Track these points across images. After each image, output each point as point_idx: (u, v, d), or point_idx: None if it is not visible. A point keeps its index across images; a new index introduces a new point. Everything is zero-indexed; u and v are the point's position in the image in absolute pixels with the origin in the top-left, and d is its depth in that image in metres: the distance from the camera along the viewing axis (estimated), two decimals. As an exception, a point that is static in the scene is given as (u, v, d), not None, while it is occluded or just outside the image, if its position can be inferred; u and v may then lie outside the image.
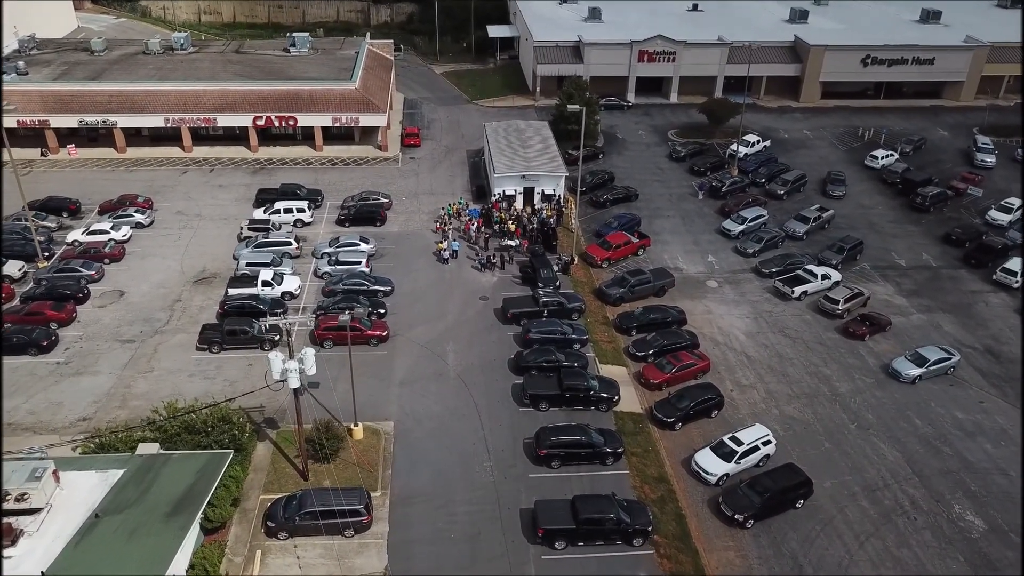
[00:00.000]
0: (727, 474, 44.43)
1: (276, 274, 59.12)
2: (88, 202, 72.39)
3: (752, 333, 57.79)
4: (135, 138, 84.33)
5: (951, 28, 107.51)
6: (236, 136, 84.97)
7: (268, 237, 65.40)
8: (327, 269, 61.58)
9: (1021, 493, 44.52)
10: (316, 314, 55.69)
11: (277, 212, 69.26)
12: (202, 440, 42.07)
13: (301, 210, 69.72)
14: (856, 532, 41.92)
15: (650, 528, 40.32)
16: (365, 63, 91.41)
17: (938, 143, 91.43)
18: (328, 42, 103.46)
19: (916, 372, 52.78)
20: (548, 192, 72.40)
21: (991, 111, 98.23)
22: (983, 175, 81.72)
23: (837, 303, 59.18)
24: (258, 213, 69.87)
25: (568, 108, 70.17)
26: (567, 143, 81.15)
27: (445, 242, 65.60)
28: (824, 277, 62.10)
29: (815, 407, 50.74)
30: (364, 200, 72.09)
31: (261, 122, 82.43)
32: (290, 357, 39.63)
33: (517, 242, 66.65)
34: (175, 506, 36.24)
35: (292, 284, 59.35)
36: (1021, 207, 73.54)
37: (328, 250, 63.80)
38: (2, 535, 33.74)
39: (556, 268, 62.93)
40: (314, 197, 73.16)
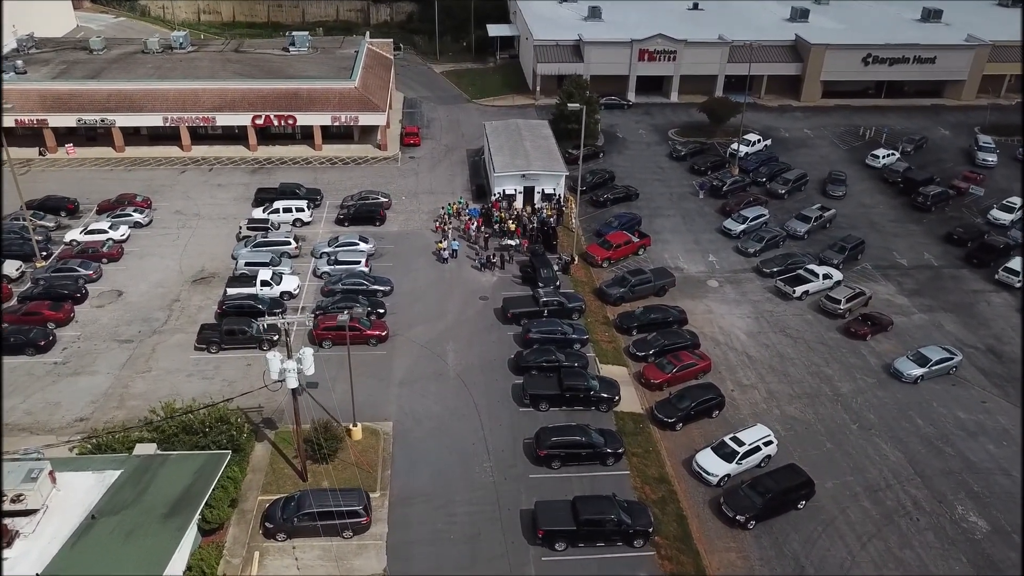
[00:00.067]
0: (728, 475, 44.19)
1: (275, 274, 58.94)
2: (86, 201, 72.13)
3: (753, 333, 57.54)
4: (134, 137, 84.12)
5: (952, 27, 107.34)
6: (235, 135, 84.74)
7: (267, 237, 65.18)
8: (326, 269, 61.34)
9: (1021, 493, 44.29)
10: (315, 314, 55.49)
11: (276, 211, 69.04)
12: (200, 440, 41.80)
13: (300, 209, 69.53)
14: (858, 533, 41.67)
15: (651, 529, 40.10)
16: (364, 62, 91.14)
17: (939, 142, 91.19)
18: (327, 41, 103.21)
19: (918, 372, 52.54)
20: (548, 191, 72.15)
21: (992, 110, 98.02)
22: (985, 174, 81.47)
23: (839, 303, 58.93)
24: (257, 212, 69.62)
25: (568, 107, 69.94)
26: (567, 142, 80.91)
27: (445, 241, 65.34)
28: (825, 277, 61.87)
29: (817, 407, 50.51)
30: (363, 199, 71.88)
31: (260, 121, 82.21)
32: (288, 357, 39.45)
33: (517, 242, 66.42)
34: (172, 507, 35.94)
35: (291, 284, 59.12)
36: (1022, 207, 73.31)
37: (327, 249, 63.58)
38: (2, 535, 33.47)
39: (556, 268, 62.67)
40: (313, 196, 72.98)
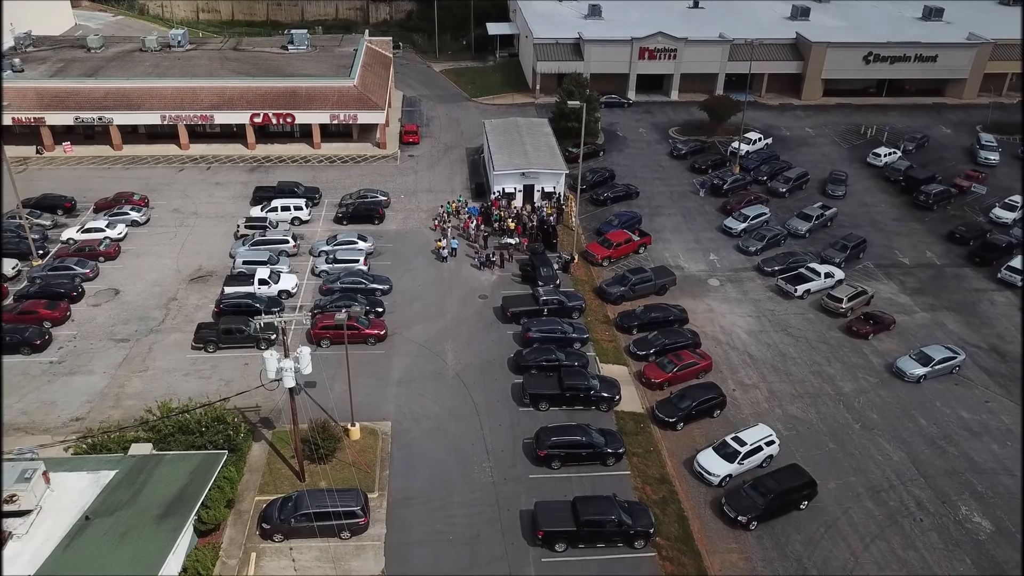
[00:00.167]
0: (730, 475, 43.80)
1: (273, 272, 58.56)
2: (83, 200, 71.73)
3: (754, 332, 57.15)
4: (131, 136, 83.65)
5: (953, 25, 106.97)
6: (233, 133, 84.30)
7: (265, 235, 64.76)
8: (324, 267, 60.95)
9: (1021, 493, 43.92)
10: (313, 313, 55.14)
11: (274, 210, 68.65)
12: (196, 440, 41.41)
13: (299, 208, 69.14)
14: (861, 534, 41.28)
15: (652, 530, 39.72)
16: (364, 60, 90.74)
17: (941, 140, 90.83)
18: (326, 39, 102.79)
19: (921, 371, 52.14)
20: (548, 190, 71.77)
21: (994, 108, 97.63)
22: (987, 173, 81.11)
23: (840, 302, 58.54)
24: (255, 211, 69.22)
25: (568, 104, 69.57)
26: (567, 141, 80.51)
27: (444, 240, 64.96)
28: (827, 275, 61.50)
29: (819, 407, 50.11)
30: (362, 198, 71.51)
31: (259, 119, 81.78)
32: (285, 356, 39.06)
33: (516, 240, 66.04)
34: (168, 508, 35.52)
35: (289, 282, 58.73)
36: (1022, 206, 72.90)
37: (326, 248, 63.21)
38: (3, 535, 33.10)
39: (556, 266, 62.28)
40: (312, 195, 72.59)
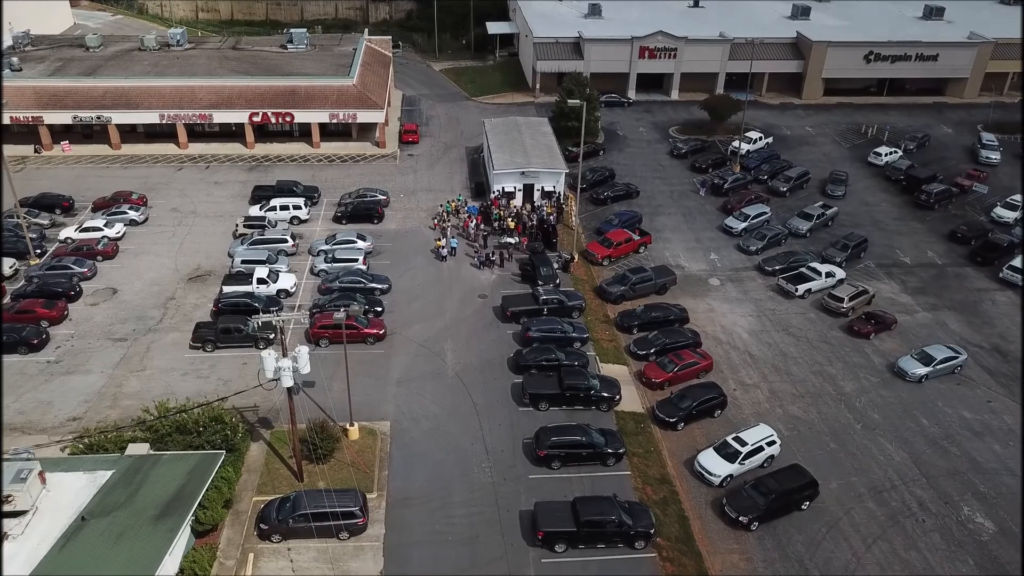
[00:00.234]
0: (731, 475, 43.53)
1: (272, 272, 58.29)
2: (82, 199, 71.45)
3: (755, 331, 56.89)
4: (130, 135, 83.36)
5: (954, 24, 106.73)
6: (232, 132, 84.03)
7: (264, 234, 64.49)
8: (323, 266, 60.68)
9: (1021, 493, 43.67)
10: (312, 312, 54.89)
11: (273, 209, 68.40)
12: (194, 440, 41.13)
13: (297, 207, 68.88)
14: (863, 534, 41.02)
15: (652, 530, 39.47)
16: (363, 59, 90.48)
17: (942, 140, 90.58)
18: (326, 38, 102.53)
19: (922, 371, 51.88)
20: (548, 189, 71.51)
21: (995, 108, 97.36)
22: (988, 172, 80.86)
23: (842, 301, 58.28)
24: (254, 210, 68.98)
25: (568, 103, 69.33)
26: (567, 140, 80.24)
27: (443, 239, 64.70)
28: (828, 275, 61.25)
29: (820, 407, 49.85)
30: (361, 197, 71.28)
31: (258, 118, 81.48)
32: (283, 355, 38.80)
33: (516, 239, 65.79)
34: (164, 508, 35.22)
35: (288, 282, 58.46)
36: (1022, 205, 72.62)
37: (325, 247, 62.96)
38: (2, 534, 32.87)
39: (556, 266, 62.00)
40: (311, 194, 72.34)
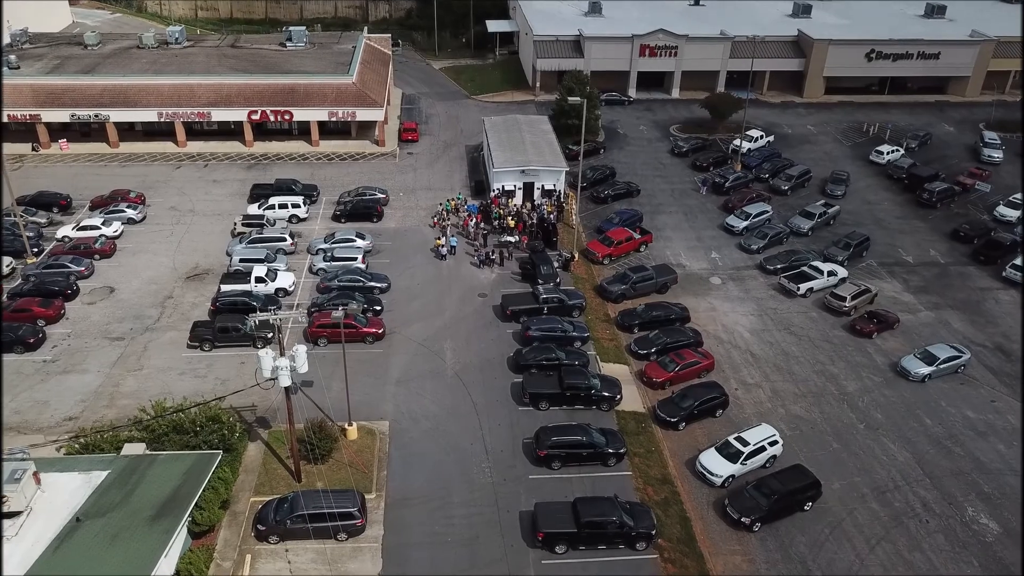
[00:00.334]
0: (733, 475, 43.14)
1: (270, 270, 57.93)
2: (79, 197, 71.06)
3: (757, 331, 56.52)
4: (128, 133, 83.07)
5: (956, 23, 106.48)
6: (231, 131, 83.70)
7: (262, 233, 64.11)
8: (322, 265, 60.31)
9: (1021, 493, 43.31)
10: (310, 311, 54.52)
11: (272, 207, 68.05)
12: (190, 440, 40.73)
13: (296, 205, 68.55)
14: (866, 535, 40.64)
15: (654, 531, 39.11)
16: (362, 57, 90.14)
17: (944, 138, 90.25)
18: (325, 36, 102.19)
19: (926, 370, 51.51)
20: (548, 187, 71.14)
21: (997, 106, 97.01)
22: (990, 170, 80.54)
23: (844, 300, 57.92)
24: (252, 208, 68.64)
25: (569, 100, 68.97)
26: (567, 138, 79.92)
27: (443, 238, 64.33)
28: (830, 274, 60.89)
29: (822, 406, 49.48)
30: (361, 196, 70.96)
31: (256, 116, 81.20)
32: (281, 354, 38.42)
33: (516, 238, 65.43)
34: (160, 509, 34.84)
35: (286, 280, 58.10)
36: (1022, 204, 72.22)
37: (324, 246, 62.59)
38: (2, 533, 32.55)
39: (556, 264, 61.65)
40: (309, 192, 71.98)
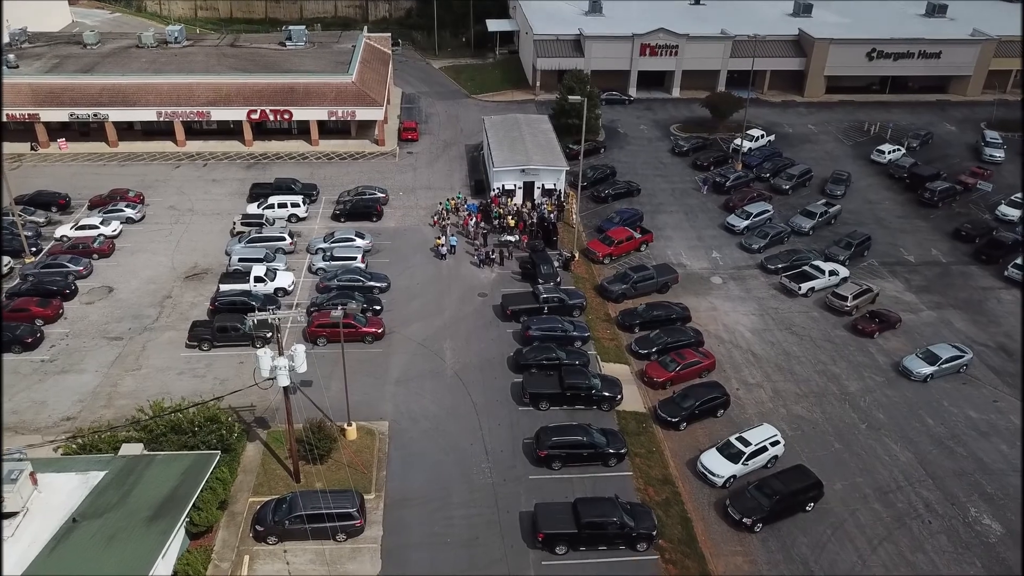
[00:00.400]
0: (734, 476, 42.91)
1: (269, 270, 57.72)
2: (78, 197, 70.85)
3: (758, 330, 56.29)
4: (127, 132, 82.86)
5: (957, 22, 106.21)
6: (230, 130, 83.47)
7: (262, 232, 63.89)
8: (322, 265, 60.08)
9: (1022, 494, 43.06)
10: (310, 311, 54.31)
11: (271, 207, 67.83)
12: (189, 440, 40.45)
13: (296, 205, 68.34)
14: (868, 536, 40.40)
15: (654, 532, 38.90)
16: (362, 56, 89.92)
17: (945, 138, 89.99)
18: (325, 36, 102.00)
19: (928, 370, 51.27)
20: (548, 187, 70.92)
21: (999, 105, 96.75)
22: (992, 170, 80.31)
23: (845, 300, 57.68)
24: (252, 208, 68.42)
25: (569, 99, 68.72)
26: (568, 137, 79.67)
27: (443, 237, 64.11)
28: (832, 273, 60.65)
29: (824, 406, 49.24)
30: (360, 195, 70.75)
31: (256, 116, 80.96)
32: (280, 354, 38.20)
33: (517, 237, 65.20)
34: (158, 510, 34.57)
35: (285, 280, 57.88)
36: (1022, 203, 71.97)
37: (323, 246, 62.37)
38: (1, 532, 32.33)
39: (557, 264, 61.44)
40: (309, 192, 71.77)
